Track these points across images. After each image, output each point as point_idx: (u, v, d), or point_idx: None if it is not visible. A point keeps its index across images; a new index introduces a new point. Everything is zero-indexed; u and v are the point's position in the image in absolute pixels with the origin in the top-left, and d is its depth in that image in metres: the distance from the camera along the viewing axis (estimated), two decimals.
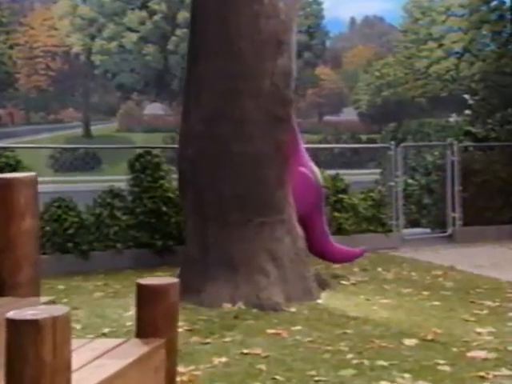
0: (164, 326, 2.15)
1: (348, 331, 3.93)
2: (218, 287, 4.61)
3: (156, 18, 33.79)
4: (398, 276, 6.03)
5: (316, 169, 5.73)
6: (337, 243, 5.83)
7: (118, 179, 7.44)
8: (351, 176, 13.62)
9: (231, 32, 4.70)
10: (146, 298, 2.16)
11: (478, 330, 3.98)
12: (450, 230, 8.86)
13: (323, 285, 5.21)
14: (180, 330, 3.86)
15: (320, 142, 32.54)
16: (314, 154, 12.93)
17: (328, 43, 44.32)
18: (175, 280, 2.24)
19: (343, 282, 5.63)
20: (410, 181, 9.67)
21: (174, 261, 5.98)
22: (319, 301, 4.78)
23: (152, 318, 2.14)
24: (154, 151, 7.40)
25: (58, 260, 6.42)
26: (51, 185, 10.89)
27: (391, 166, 8.76)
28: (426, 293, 5.17)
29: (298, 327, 4.02)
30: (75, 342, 1.93)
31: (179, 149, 5.06)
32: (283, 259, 4.76)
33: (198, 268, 4.76)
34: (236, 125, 4.73)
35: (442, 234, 8.96)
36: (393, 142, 9.04)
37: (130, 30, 34.81)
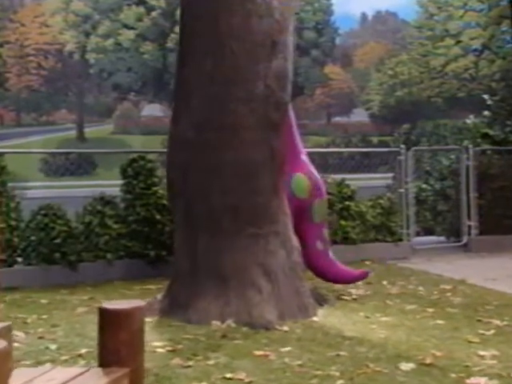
0: (128, 354, 2.13)
1: (341, 353, 3.91)
2: (207, 303, 4.62)
3: (154, 14, 33.93)
4: (404, 290, 6.01)
5: (315, 175, 5.74)
6: (338, 262, 5.74)
7: (113, 184, 7.50)
8: (361, 181, 13.64)
9: (222, 32, 4.72)
10: (109, 323, 2.14)
11: (481, 352, 3.95)
12: (465, 239, 8.87)
13: (321, 300, 5.20)
14: (162, 350, 3.91)
15: (328, 145, 32.57)
16: (320, 158, 13.00)
17: (337, 40, 44.42)
18: (141, 304, 2.24)
19: (344, 297, 5.62)
20: (424, 186, 9.65)
21: (168, 272, 5.95)
22: (315, 318, 4.77)
23: (115, 346, 2.12)
24: (149, 156, 7.44)
25: (44, 271, 6.46)
26: (42, 190, 10.95)
27: (401, 171, 8.79)
28: (430, 310, 5.15)
29: (288, 348, 4.00)
30: (31, 372, 1.93)
31: (168, 156, 5.09)
32: (277, 273, 4.76)
33: (186, 282, 4.77)
34: (227, 131, 4.74)
35: (456, 244, 8.98)
36: (403, 146, 9.04)
37: (127, 26, 35.00)
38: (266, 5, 4.76)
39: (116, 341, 2.11)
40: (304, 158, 5.75)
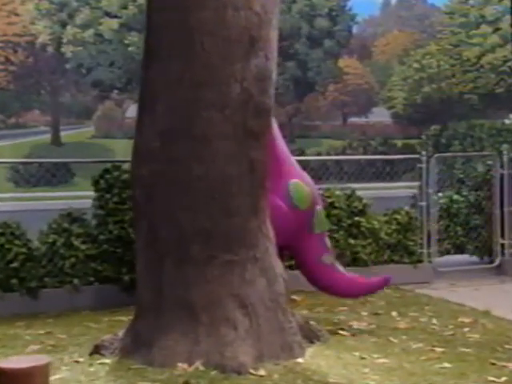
0: None
1: None
2: (174, 341, 4.57)
3: (140, 0, 33.75)
4: (414, 324, 5.95)
5: (307, 183, 5.76)
6: (349, 272, 5.86)
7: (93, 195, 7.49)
8: (383, 190, 13.50)
9: (192, 27, 4.68)
10: None
11: None
12: (497, 260, 8.79)
13: (312, 337, 5.14)
14: None
15: (344, 149, 32.47)
16: (335, 164, 12.91)
17: (354, 29, 44.27)
18: (45, 361, 2.21)
19: (341, 332, 5.57)
20: (456, 196, 9.55)
21: None
22: (300, 359, 4.71)
23: None
24: (125, 165, 7.43)
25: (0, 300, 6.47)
26: (10, 203, 11.03)
27: (422, 180, 8.68)
28: (439, 349, 5.07)
29: None
30: None
31: (131, 170, 5.07)
32: (256, 306, 4.70)
33: (150, 316, 4.74)
34: (198, 141, 4.70)
35: (487, 265, 8.86)
36: (424, 153, 8.95)
37: (109, 15, 34.90)
38: None
39: None
40: (297, 165, 5.84)
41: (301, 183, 5.66)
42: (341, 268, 5.86)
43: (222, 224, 4.72)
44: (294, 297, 6.63)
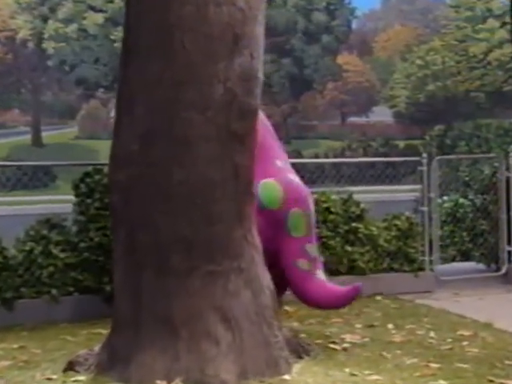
0: None
1: None
2: (152, 357, 4.54)
3: None
4: (410, 337, 5.91)
5: (294, 183, 5.75)
6: (326, 281, 5.74)
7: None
8: (383, 194, 13.49)
9: (172, 24, 4.66)
10: None
11: None
12: (504, 268, 8.77)
13: (301, 352, 5.11)
14: None
15: (343, 150, 32.54)
16: (332, 167, 12.89)
17: (354, 23, 44.40)
18: None
19: (332, 346, 5.54)
20: (462, 200, 9.54)
21: None
22: (287, 376, 4.68)
23: None
24: (106, 168, 7.39)
25: None
26: None
27: (423, 184, 8.66)
28: (435, 365, 5.03)
29: None
30: None
31: (109, 174, 5.05)
32: (239, 320, 4.67)
33: (128, 331, 4.71)
34: (179, 144, 4.68)
35: (493, 273, 8.83)
36: (425, 155, 8.94)
37: (94, 9, 34.76)
38: None
39: None
40: (280, 164, 5.80)
41: (272, 183, 5.62)
42: (322, 277, 5.73)
43: (204, 232, 4.69)
44: (287, 308, 6.61)
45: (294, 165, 6.37)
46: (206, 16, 4.69)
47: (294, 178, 5.87)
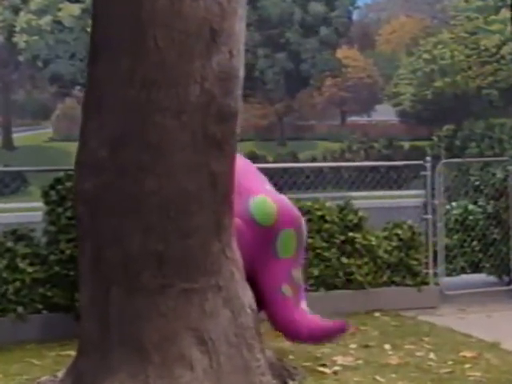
0: None
1: None
2: (120, 383, 4.52)
3: None
4: (408, 359, 5.90)
5: (285, 202, 5.71)
6: (309, 314, 5.63)
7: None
8: (386, 199, 13.47)
9: (144, 19, 4.65)
10: None
11: None
12: None
13: (285, 376, 5.11)
14: None
15: (343, 152, 32.59)
16: (330, 171, 12.87)
17: (355, 15, 44.47)
18: None
19: (322, 369, 5.53)
20: (472, 207, 9.55)
21: None
22: None
23: None
24: None
25: None
26: None
27: (427, 191, 8.66)
28: None
29: None
30: None
31: (74, 183, 5.04)
32: (216, 343, 4.66)
33: (95, 355, 4.70)
34: (150, 151, 4.65)
35: (504, 287, 8.84)
36: (429, 158, 8.93)
37: None
38: None
39: None
40: (269, 187, 5.82)
41: (266, 199, 5.56)
42: (305, 307, 5.61)
43: (177, 246, 4.68)
44: None
45: (286, 169, 6.39)
46: (180, 10, 4.68)
47: (286, 198, 5.83)
